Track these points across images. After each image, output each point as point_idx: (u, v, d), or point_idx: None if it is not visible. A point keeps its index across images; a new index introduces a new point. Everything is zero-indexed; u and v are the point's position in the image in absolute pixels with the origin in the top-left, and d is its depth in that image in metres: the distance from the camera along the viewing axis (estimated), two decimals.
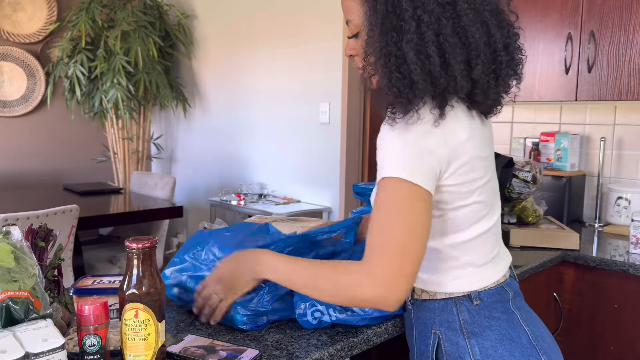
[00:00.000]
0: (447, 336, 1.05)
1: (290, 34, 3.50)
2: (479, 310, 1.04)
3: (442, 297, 1.06)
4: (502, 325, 1.04)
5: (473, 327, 1.03)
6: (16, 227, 0.98)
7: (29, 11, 4.13)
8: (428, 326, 1.08)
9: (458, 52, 0.94)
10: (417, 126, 0.95)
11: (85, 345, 0.87)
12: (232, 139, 4.03)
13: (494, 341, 1.02)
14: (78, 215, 2.61)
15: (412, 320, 1.12)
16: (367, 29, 0.99)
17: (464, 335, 1.04)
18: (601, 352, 1.90)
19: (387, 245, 0.92)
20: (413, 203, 0.93)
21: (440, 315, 1.06)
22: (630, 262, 1.81)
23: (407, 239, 0.92)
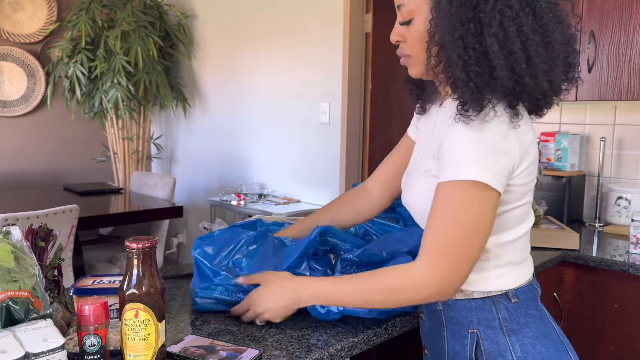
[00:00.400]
0: (487, 335, 1.04)
1: (291, 34, 3.50)
2: (517, 308, 1.04)
3: (479, 295, 1.05)
4: (536, 322, 1.05)
5: (512, 324, 1.04)
6: (16, 227, 0.98)
7: (29, 11, 4.13)
8: (464, 326, 1.06)
9: (541, 52, 0.93)
10: (495, 125, 0.93)
11: (85, 345, 0.87)
12: (232, 139, 4.03)
13: (531, 338, 1.03)
14: (78, 215, 2.61)
15: (441, 321, 1.10)
16: (436, 18, 0.96)
17: (504, 333, 1.03)
18: (601, 352, 1.90)
19: (452, 245, 0.94)
20: (486, 206, 0.94)
21: (478, 314, 1.05)
22: (630, 262, 1.81)
23: (473, 241, 0.94)
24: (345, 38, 3.15)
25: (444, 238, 0.94)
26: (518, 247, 1.08)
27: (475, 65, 0.93)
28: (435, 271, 0.94)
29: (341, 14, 3.16)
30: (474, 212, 0.93)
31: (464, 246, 0.94)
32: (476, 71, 0.93)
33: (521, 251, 1.09)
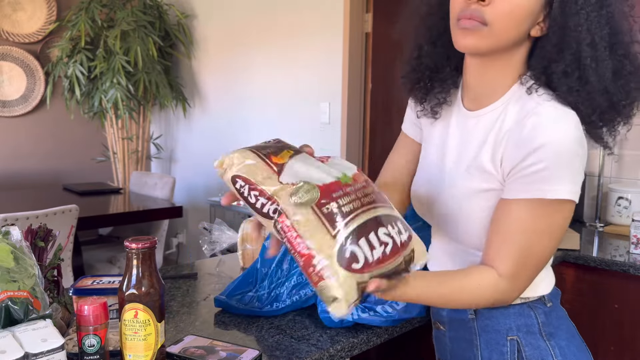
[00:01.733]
0: (527, 341, 1.01)
1: (291, 34, 3.50)
2: (551, 311, 1.04)
3: (517, 301, 1.01)
4: (566, 324, 1.06)
5: (549, 328, 1.02)
6: (15, 227, 0.98)
7: (28, 11, 4.12)
8: (502, 333, 1.02)
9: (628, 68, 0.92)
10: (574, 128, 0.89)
11: (84, 346, 0.87)
12: (232, 138, 4.03)
13: (566, 340, 1.03)
14: (77, 215, 2.61)
15: (473, 330, 1.05)
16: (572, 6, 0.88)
17: (543, 338, 1.01)
18: (602, 352, 1.90)
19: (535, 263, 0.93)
20: (567, 225, 0.93)
21: (517, 320, 1.02)
22: (631, 262, 1.81)
23: (549, 256, 0.95)
24: (345, 38, 3.15)
25: (533, 256, 0.92)
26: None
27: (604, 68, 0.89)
28: (520, 288, 0.94)
29: (341, 14, 3.16)
30: (559, 231, 0.92)
31: (544, 263, 0.94)
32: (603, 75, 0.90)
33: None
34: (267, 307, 1.22)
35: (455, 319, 1.08)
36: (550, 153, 0.86)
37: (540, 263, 0.93)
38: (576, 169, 0.88)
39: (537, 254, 0.92)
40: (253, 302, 1.23)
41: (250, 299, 1.25)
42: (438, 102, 1.05)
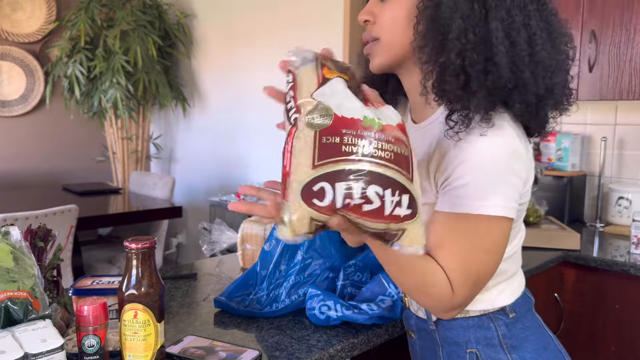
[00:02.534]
0: (487, 354, 0.98)
1: (290, 33, 3.50)
2: (514, 322, 0.99)
3: (476, 313, 0.98)
4: (535, 334, 1.00)
5: (512, 340, 0.98)
6: (15, 227, 0.98)
7: (28, 11, 4.12)
8: (462, 346, 0.99)
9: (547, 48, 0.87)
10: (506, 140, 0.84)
11: (84, 346, 0.87)
12: (232, 138, 4.02)
13: (532, 352, 0.98)
14: (77, 216, 2.60)
15: (436, 341, 1.03)
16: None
17: (504, 351, 0.97)
18: (602, 353, 1.90)
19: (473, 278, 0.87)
20: (504, 239, 0.89)
21: (476, 332, 0.98)
22: (631, 263, 1.81)
23: (490, 273, 0.89)
24: (345, 38, 3.15)
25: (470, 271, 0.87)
26: (515, 260, 1.03)
27: (472, 51, 0.82)
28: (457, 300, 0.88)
29: (341, 13, 3.16)
30: (494, 247, 0.88)
31: (483, 279, 0.89)
32: (472, 58, 0.82)
33: (517, 263, 1.04)
34: (267, 309, 1.22)
35: (421, 328, 1.06)
36: (476, 167, 0.84)
37: (480, 279, 0.88)
38: (509, 183, 0.85)
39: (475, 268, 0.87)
40: (253, 304, 1.24)
41: (249, 301, 1.25)
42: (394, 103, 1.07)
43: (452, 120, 0.86)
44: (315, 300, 1.17)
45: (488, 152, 0.84)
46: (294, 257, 1.26)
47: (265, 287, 1.26)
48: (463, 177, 0.85)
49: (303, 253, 1.25)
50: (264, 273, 1.28)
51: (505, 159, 0.85)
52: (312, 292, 1.19)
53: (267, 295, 1.26)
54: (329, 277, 1.26)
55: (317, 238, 1.29)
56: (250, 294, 1.28)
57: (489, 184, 0.85)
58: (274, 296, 1.24)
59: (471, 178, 0.85)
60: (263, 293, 1.26)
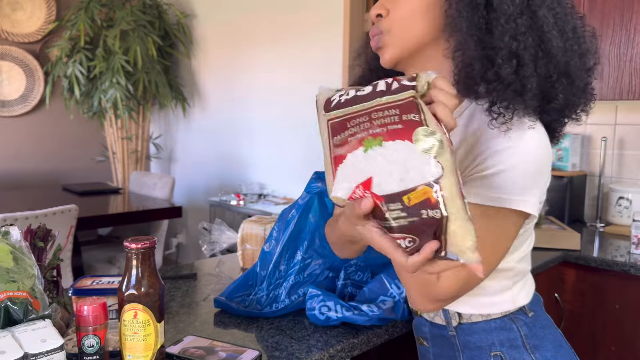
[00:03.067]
0: (512, 355, 0.96)
1: (290, 33, 3.50)
2: (533, 321, 0.99)
3: (498, 315, 0.97)
4: (551, 332, 1.00)
5: (534, 340, 0.97)
6: (15, 227, 0.98)
7: (28, 10, 4.12)
8: (484, 350, 0.98)
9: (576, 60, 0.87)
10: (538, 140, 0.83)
11: (84, 346, 0.87)
12: (232, 138, 4.02)
13: (552, 350, 0.98)
14: (77, 216, 2.60)
15: (456, 347, 1.01)
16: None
17: (528, 351, 0.96)
18: (602, 353, 1.90)
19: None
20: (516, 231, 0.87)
21: (499, 334, 0.97)
22: (632, 263, 1.81)
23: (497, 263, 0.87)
24: (345, 38, 3.15)
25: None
26: (529, 258, 1.04)
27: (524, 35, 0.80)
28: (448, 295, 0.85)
29: (341, 13, 3.16)
30: (509, 240, 0.86)
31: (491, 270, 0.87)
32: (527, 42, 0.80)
33: (530, 261, 1.05)
34: (267, 309, 1.22)
35: (437, 335, 1.04)
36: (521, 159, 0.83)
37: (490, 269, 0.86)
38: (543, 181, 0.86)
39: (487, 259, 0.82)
40: (253, 304, 1.24)
41: (249, 302, 1.25)
42: None
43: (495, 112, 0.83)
44: (315, 301, 1.17)
45: (534, 146, 0.83)
46: (294, 257, 1.26)
47: (265, 287, 1.26)
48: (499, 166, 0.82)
49: (303, 253, 1.25)
50: (263, 273, 1.28)
51: (546, 156, 0.85)
52: (312, 292, 1.19)
53: (267, 295, 1.25)
54: (328, 277, 1.26)
55: (316, 238, 1.29)
56: (250, 294, 1.28)
57: (530, 178, 0.83)
58: (274, 296, 1.24)
59: (509, 168, 0.82)
60: (263, 293, 1.26)
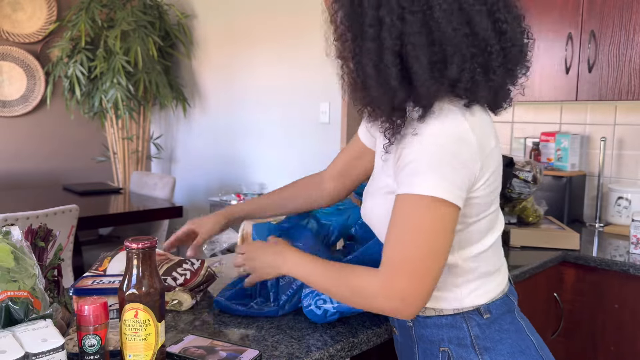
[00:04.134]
0: (459, 354, 0.99)
1: (290, 33, 3.50)
2: (489, 323, 0.99)
3: (450, 312, 1.00)
4: (512, 337, 1.00)
5: (485, 342, 0.98)
6: (16, 227, 0.98)
7: (28, 11, 4.12)
8: (435, 344, 1.01)
9: (424, 53, 0.85)
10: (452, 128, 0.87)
11: (85, 346, 0.87)
12: (232, 138, 4.03)
13: (506, 355, 0.98)
14: (78, 215, 2.61)
15: (412, 338, 1.05)
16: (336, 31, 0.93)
17: (476, 352, 0.98)
18: (601, 352, 1.90)
19: (409, 264, 0.88)
20: (443, 222, 0.88)
21: (449, 331, 1.00)
22: (631, 262, 1.81)
23: (430, 260, 0.88)
24: None
25: (400, 256, 0.88)
26: (489, 259, 1.02)
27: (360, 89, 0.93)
28: (393, 288, 0.89)
29: None
30: (430, 230, 0.87)
31: (421, 265, 0.88)
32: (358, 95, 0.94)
33: (493, 262, 1.03)
34: (267, 309, 1.22)
35: (402, 325, 1.08)
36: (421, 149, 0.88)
37: (414, 268, 0.88)
38: (452, 167, 0.87)
39: (405, 256, 0.88)
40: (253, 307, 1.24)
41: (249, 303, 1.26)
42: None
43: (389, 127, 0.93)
44: (310, 297, 1.17)
45: (431, 137, 0.87)
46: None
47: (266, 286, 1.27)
48: (408, 156, 0.89)
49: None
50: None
51: (450, 143, 0.87)
52: (306, 290, 1.19)
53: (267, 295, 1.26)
54: None
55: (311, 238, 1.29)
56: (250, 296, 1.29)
57: (429, 164, 0.87)
58: (274, 296, 1.25)
59: (415, 157, 0.88)
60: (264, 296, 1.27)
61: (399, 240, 0.89)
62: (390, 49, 0.86)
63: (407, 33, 0.86)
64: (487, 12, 0.88)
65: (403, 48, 0.87)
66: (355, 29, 0.89)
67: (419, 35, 0.85)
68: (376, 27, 0.87)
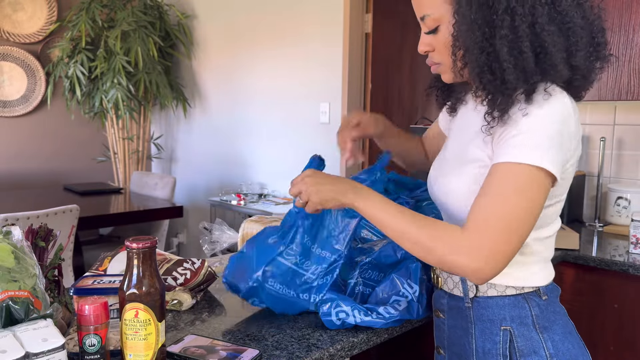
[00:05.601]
0: (520, 332, 1.03)
1: (291, 34, 3.50)
2: (546, 305, 1.05)
3: (512, 292, 1.04)
4: (562, 320, 1.07)
5: (544, 321, 1.04)
6: (16, 227, 0.98)
7: (29, 11, 4.13)
8: (496, 323, 1.05)
9: (557, 41, 0.93)
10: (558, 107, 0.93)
11: (85, 345, 0.87)
12: (232, 138, 4.03)
13: (560, 335, 1.04)
14: (78, 215, 2.61)
15: (469, 319, 1.08)
16: (457, 22, 0.97)
17: (537, 330, 1.03)
18: (601, 352, 1.90)
19: (502, 228, 0.91)
20: (543, 193, 0.93)
21: (511, 311, 1.04)
22: (630, 262, 1.81)
23: (522, 226, 0.93)
24: (345, 38, 3.15)
25: (494, 217, 0.92)
26: (551, 245, 1.09)
27: (488, 72, 0.94)
28: (478, 246, 0.92)
29: (341, 14, 3.16)
30: (532, 197, 0.92)
31: (513, 231, 0.92)
32: (488, 78, 0.94)
33: (552, 249, 1.10)
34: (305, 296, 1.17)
35: (454, 307, 1.11)
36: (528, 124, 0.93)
37: (505, 228, 0.91)
38: (556, 142, 0.92)
39: (498, 216, 0.92)
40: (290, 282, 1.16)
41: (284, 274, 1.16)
42: (459, 102, 1.20)
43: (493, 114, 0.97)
44: (331, 305, 1.14)
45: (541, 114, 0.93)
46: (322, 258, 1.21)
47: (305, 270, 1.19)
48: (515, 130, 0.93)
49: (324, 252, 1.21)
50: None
51: (557, 122, 0.93)
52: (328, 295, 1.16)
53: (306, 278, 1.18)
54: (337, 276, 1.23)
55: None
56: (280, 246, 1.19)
57: (538, 136, 0.92)
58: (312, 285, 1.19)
59: (523, 129, 0.92)
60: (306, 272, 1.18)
61: (496, 202, 0.93)
62: (526, 36, 0.92)
63: (539, 22, 0.92)
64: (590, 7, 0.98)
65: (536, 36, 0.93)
66: (487, 18, 0.93)
67: (551, 24, 0.93)
68: (511, 16, 0.92)
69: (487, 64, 0.94)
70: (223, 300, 1.33)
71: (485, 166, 1.00)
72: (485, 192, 0.95)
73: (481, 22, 0.93)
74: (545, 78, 0.95)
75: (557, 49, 0.93)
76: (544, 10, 0.93)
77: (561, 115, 0.93)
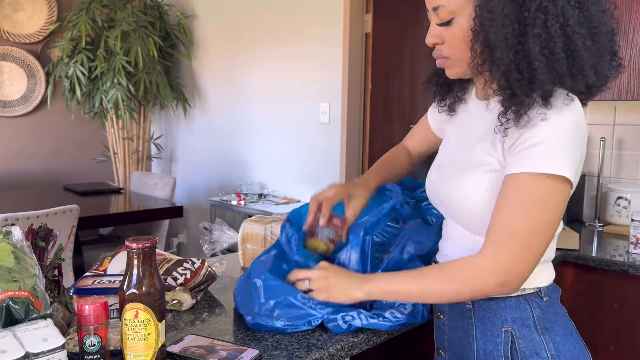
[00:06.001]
0: (522, 333, 1.03)
1: (291, 34, 3.50)
2: (548, 306, 1.05)
3: (513, 294, 1.04)
4: (563, 320, 1.07)
5: (545, 322, 1.04)
6: (16, 227, 0.98)
7: (29, 11, 4.13)
8: (497, 325, 1.05)
9: (588, 44, 0.92)
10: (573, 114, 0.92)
11: (85, 345, 0.87)
12: (232, 138, 4.03)
13: (562, 336, 1.04)
14: (78, 215, 2.61)
15: (470, 320, 1.08)
16: (481, 16, 0.93)
17: (538, 332, 1.03)
18: (601, 352, 1.90)
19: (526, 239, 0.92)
20: (563, 201, 0.94)
21: (512, 312, 1.04)
22: (630, 262, 1.81)
23: (545, 235, 0.94)
24: (345, 38, 3.15)
25: (517, 229, 0.92)
26: (553, 246, 1.09)
27: (515, 70, 0.92)
28: (502, 261, 0.93)
29: (341, 14, 3.16)
30: (552, 207, 0.92)
31: (537, 240, 0.93)
32: (515, 77, 0.92)
33: (554, 250, 1.10)
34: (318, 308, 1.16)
35: (455, 308, 1.11)
36: (548, 131, 0.91)
37: (524, 240, 0.92)
38: (573, 148, 0.92)
39: (518, 228, 0.92)
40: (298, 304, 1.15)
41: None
42: (459, 99, 1.17)
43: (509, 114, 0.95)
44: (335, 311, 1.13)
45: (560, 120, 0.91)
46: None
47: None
48: (533, 138, 0.92)
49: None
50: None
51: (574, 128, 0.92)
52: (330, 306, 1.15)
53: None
54: None
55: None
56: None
57: (558, 144, 0.91)
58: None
59: (542, 138, 0.91)
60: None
61: (518, 215, 0.93)
62: (558, 37, 0.91)
63: (570, 25, 0.91)
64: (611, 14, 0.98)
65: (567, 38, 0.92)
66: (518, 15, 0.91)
67: (582, 27, 0.92)
68: (544, 14, 0.90)
69: (515, 62, 0.91)
70: (223, 300, 1.33)
71: (493, 170, 1.00)
72: (502, 207, 0.94)
73: (510, 18, 0.91)
74: (572, 81, 0.93)
75: (588, 54, 0.92)
76: (574, 12, 0.91)
77: (578, 121, 0.93)
